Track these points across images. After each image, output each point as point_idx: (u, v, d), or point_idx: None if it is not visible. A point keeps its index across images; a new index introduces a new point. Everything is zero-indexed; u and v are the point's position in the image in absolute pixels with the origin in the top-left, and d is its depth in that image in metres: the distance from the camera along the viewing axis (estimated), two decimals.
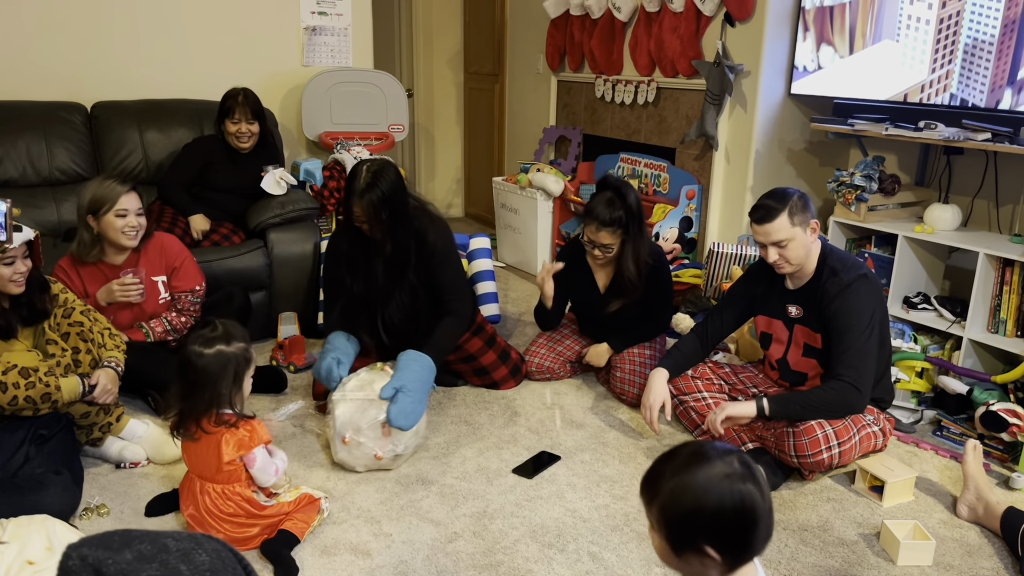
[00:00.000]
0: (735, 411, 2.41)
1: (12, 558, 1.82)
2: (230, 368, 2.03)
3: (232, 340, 2.05)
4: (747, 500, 1.18)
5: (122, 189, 2.71)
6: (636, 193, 2.93)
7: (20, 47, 3.79)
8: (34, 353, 2.33)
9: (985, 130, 2.91)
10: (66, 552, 0.72)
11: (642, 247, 2.96)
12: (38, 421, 2.25)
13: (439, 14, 6.09)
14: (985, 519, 2.26)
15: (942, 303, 3.12)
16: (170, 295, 2.92)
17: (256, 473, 2.07)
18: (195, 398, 2.02)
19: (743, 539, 1.20)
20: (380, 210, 2.60)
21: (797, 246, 2.42)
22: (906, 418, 2.89)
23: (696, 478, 1.19)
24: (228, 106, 3.58)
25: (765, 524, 1.21)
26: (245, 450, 2.04)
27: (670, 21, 4.05)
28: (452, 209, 6.51)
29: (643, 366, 3.00)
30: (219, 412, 2.04)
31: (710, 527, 1.19)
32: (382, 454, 2.42)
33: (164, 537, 0.75)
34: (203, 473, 2.08)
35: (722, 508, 1.18)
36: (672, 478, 1.21)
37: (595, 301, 3.12)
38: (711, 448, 1.23)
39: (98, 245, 2.76)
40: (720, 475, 1.19)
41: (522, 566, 2.06)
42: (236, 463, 2.04)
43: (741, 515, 1.18)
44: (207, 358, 2.01)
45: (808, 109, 3.82)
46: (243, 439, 2.04)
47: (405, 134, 4.50)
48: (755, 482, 1.20)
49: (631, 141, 4.52)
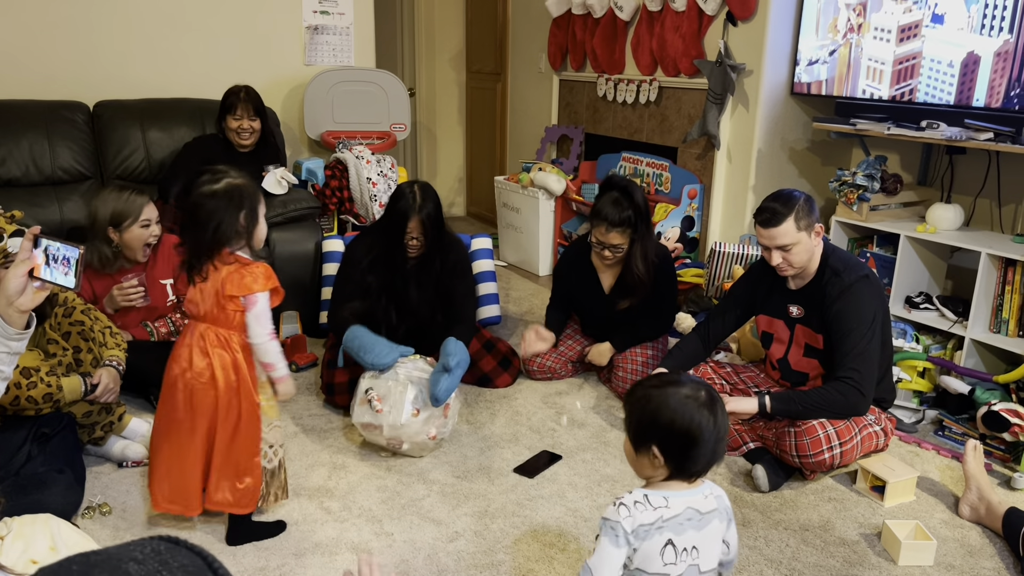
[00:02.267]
0: (737, 406, 2.41)
1: (16, 557, 1.82)
2: (243, 197, 1.95)
3: (239, 176, 2.00)
4: (695, 422, 1.41)
5: (143, 200, 2.75)
6: (642, 191, 2.93)
7: (23, 47, 3.79)
8: (35, 353, 2.34)
9: (987, 130, 2.90)
10: None
11: (650, 245, 2.97)
12: (40, 420, 2.25)
13: (441, 13, 6.09)
14: (987, 519, 2.26)
15: (944, 303, 3.12)
16: (176, 297, 2.93)
17: (250, 319, 1.95)
18: (206, 234, 1.93)
19: (684, 453, 1.42)
20: (432, 225, 2.76)
21: (801, 250, 2.42)
22: (908, 418, 2.89)
23: (663, 392, 1.45)
24: (230, 102, 3.58)
25: (707, 448, 1.42)
26: (248, 291, 1.94)
27: (672, 20, 4.05)
28: (454, 208, 6.51)
29: (645, 365, 3.00)
30: (232, 251, 1.96)
31: (660, 433, 1.43)
32: (436, 433, 2.51)
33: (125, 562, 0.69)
34: (204, 314, 1.98)
35: (672, 421, 1.42)
36: (646, 389, 1.48)
37: (601, 302, 3.11)
38: (687, 377, 1.49)
39: (120, 257, 2.79)
40: (683, 395, 1.43)
41: (523, 565, 2.06)
42: (238, 304, 1.95)
43: (686, 432, 1.41)
44: (218, 191, 1.93)
45: (810, 108, 3.82)
46: (248, 280, 1.95)
47: (407, 133, 4.50)
48: (711, 412, 1.42)
49: (633, 140, 4.52)
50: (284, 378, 2.05)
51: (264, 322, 1.97)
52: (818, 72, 3.56)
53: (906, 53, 3.21)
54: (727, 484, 2.47)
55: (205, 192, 1.94)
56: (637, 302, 3.04)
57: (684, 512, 1.44)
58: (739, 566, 2.07)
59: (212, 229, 1.93)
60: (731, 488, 2.45)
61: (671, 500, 1.44)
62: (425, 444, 2.53)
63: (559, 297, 3.26)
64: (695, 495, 1.47)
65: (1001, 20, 2.86)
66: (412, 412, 2.46)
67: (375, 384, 2.52)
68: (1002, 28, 2.85)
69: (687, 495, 1.46)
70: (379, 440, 2.53)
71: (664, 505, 1.43)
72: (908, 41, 3.20)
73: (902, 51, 3.22)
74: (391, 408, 2.47)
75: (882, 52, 3.28)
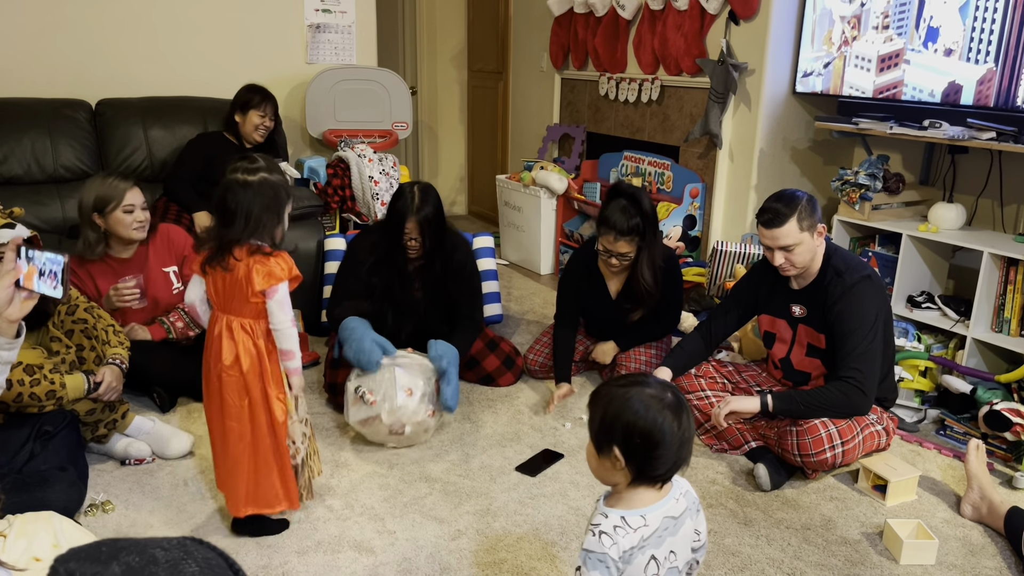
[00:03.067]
0: (739, 406, 2.41)
1: (19, 554, 1.82)
2: (274, 195, 1.97)
3: (274, 171, 2.01)
4: (658, 424, 1.35)
5: (126, 185, 2.74)
6: (650, 198, 2.89)
7: (25, 45, 3.80)
8: (39, 350, 2.34)
9: (990, 129, 2.90)
10: (53, 567, 0.70)
11: (657, 253, 2.93)
12: (43, 418, 2.25)
13: (443, 11, 6.09)
14: (989, 519, 2.26)
15: (946, 302, 3.11)
16: (182, 285, 2.94)
17: (272, 306, 1.98)
18: (235, 224, 1.95)
19: (645, 455, 1.36)
20: (430, 226, 2.75)
21: (804, 251, 2.42)
22: (910, 417, 2.89)
23: (627, 392, 1.39)
24: (254, 98, 3.62)
25: (670, 452, 1.36)
26: (275, 281, 1.96)
27: (674, 19, 4.05)
28: (455, 207, 6.51)
29: (648, 364, 3.00)
30: (256, 243, 1.98)
31: (621, 434, 1.36)
32: (434, 408, 2.59)
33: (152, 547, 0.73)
34: (230, 307, 2.01)
35: (634, 422, 1.35)
36: (610, 388, 1.42)
37: (607, 307, 3.10)
38: (653, 379, 1.43)
39: (103, 243, 2.78)
40: (647, 396, 1.37)
41: (525, 564, 2.06)
42: (262, 297, 1.97)
43: (648, 435, 1.35)
44: (252, 184, 1.95)
45: (812, 107, 3.81)
46: (273, 270, 1.96)
47: (409, 132, 4.50)
48: (675, 415, 1.36)
49: (635, 139, 4.52)
50: (297, 370, 2.07)
51: (286, 308, 2.00)
52: (813, 84, 3.58)
53: (886, 83, 3.27)
54: (729, 483, 2.47)
55: (239, 181, 1.96)
56: (646, 311, 3.03)
57: (661, 524, 1.40)
58: (741, 565, 2.08)
59: (242, 219, 1.94)
60: (733, 487, 2.45)
61: (648, 517, 1.39)
62: (426, 423, 2.56)
63: (567, 310, 3.10)
64: (667, 503, 1.42)
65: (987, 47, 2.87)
66: (405, 392, 2.51)
67: (362, 381, 2.56)
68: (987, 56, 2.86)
69: (660, 506, 1.41)
70: (381, 432, 2.54)
71: (643, 524, 1.38)
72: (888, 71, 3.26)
73: (881, 81, 3.29)
74: (384, 396, 2.50)
75: (863, 81, 3.36)
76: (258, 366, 2.01)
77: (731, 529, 2.23)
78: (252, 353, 2.00)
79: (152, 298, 2.85)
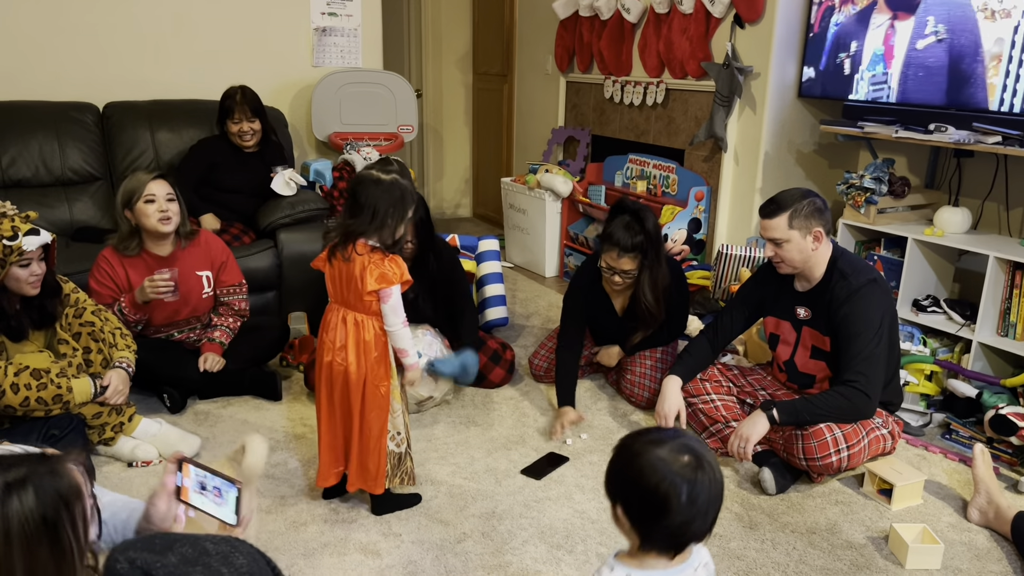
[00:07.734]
0: (750, 430, 2.38)
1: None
2: (400, 196, 2.08)
3: (405, 176, 2.13)
4: (663, 488, 1.20)
5: (147, 177, 2.78)
6: (654, 217, 2.84)
7: (33, 48, 3.82)
8: (46, 354, 2.36)
9: (995, 133, 2.90)
10: (112, 555, 0.73)
11: (660, 274, 2.87)
12: (49, 421, 2.26)
13: (448, 15, 6.10)
14: (996, 523, 2.25)
15: (951, 306, 3.11)
16: (215, 291, 2.98)
17: (387, 310, 2.08)
18: (361, 216, 2.06)
19: (649, 519, 1.22)
20: (423, 227, 2.87)
21: (792, 248, 2.42)
22: (915, 421, 2.89)
23: (637, 447, 1.25)
24: (227, 106, 3.60)
25: (679, 520, 1.21)
26: (387, 284, 2.06)
27: (679, 22, 4.05)
28: (460, 209, 6.52)
29: (654, 369, 3.00)
30: (375, 244, 2.08)
31: (624, 492, 1.25)
32: (428, 393, 2.82)
33: (203, 540, 0.77)
34: (347, 299, 2.13)
35: (638, 482, 1.22)
36: (628, 439, 1.29)
37: (612, 325, 3.08)
38: (675, 436, 1.26)
39: (136, 237, 2.81)
40: (658, 456, 1.22)
41: (531, 567, 2.06)
42: (374, 296, 2.07)
43: (653, 498, 1.20)
44: (384, 182, 2.07)
45: (817, 111, 3.81)
46: (387, 273, 2.06)
47: (414, 135, 4.51)
48: (689, 483, 1.20)
49: (640, 142, 4.52)
50: (414, 365, 2.19)
51: (399, 312, 2.10)
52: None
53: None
54: (734, 487, 2.47)
55: (372, 178, 2.08)
56: (650, 333, 3.01)
57: None
58: (746, 569, 2.08)
59: (369, 212, 2.05)
60: (738, 490, 2.45)
61: None
62: (429, 383, 2.76)
63: (571, 330, 2.99)
64: (682, 573, 1.28)
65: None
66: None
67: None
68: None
69: (673, 574, 1.27)
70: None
71: None
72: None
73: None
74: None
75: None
76: (366, 365, 2.12)
77: (736, 533, 2.24)
78: (361, 351, 2.11)
79: (183, 295, 2.86)
